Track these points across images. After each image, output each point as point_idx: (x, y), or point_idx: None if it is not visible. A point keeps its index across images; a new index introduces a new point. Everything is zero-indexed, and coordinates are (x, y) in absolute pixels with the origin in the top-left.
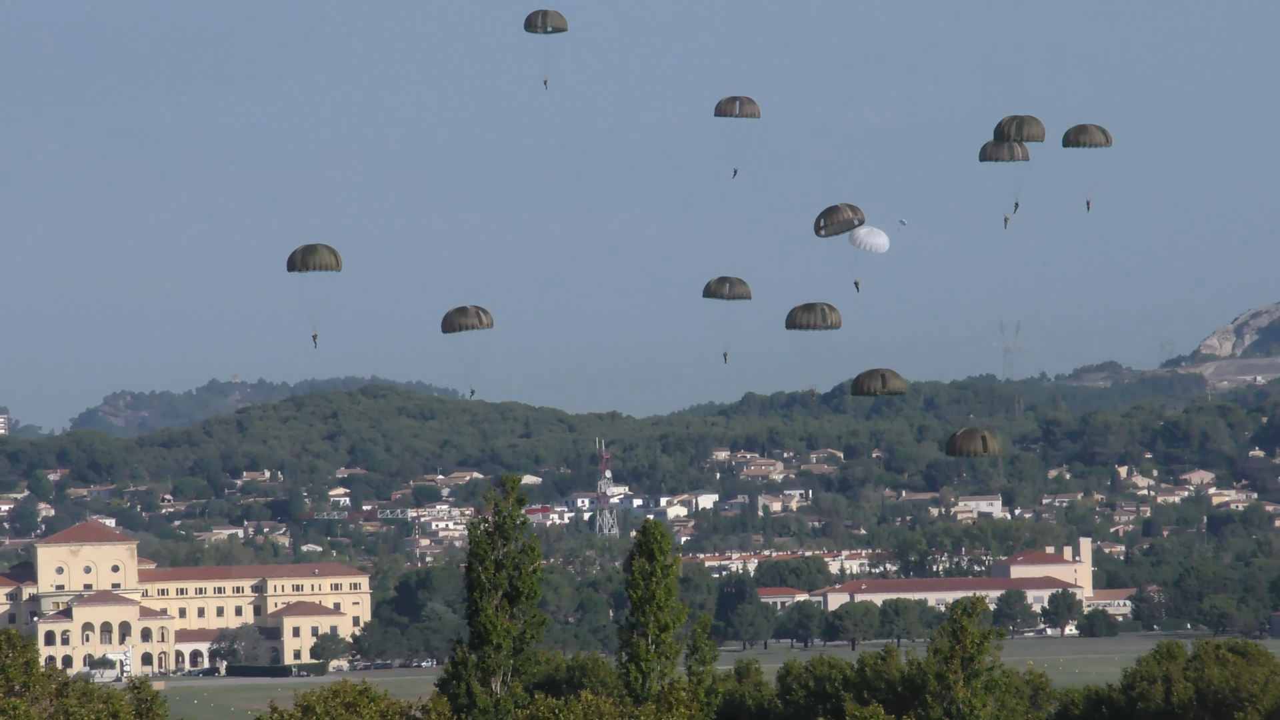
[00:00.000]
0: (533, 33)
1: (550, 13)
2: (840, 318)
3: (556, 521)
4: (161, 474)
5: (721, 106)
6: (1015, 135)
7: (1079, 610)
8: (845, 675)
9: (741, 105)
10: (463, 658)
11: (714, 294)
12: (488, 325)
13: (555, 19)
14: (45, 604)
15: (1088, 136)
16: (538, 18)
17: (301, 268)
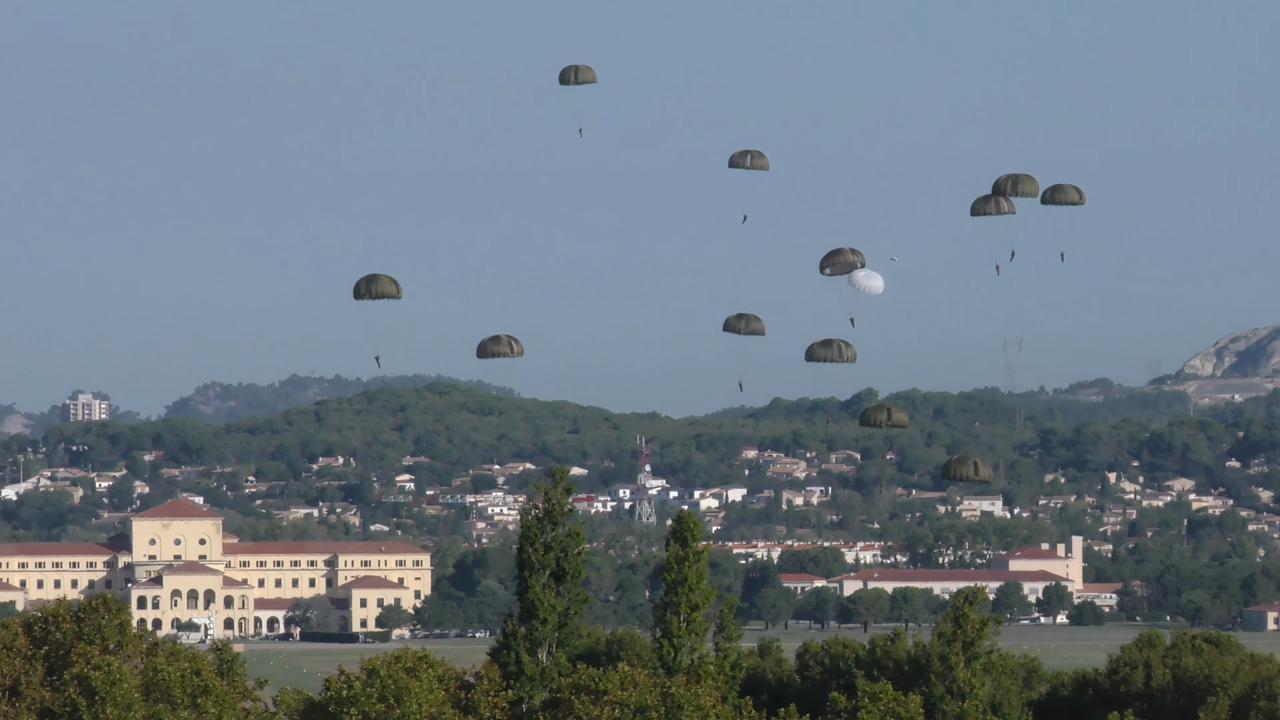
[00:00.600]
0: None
1: (581, 68)
2: (855, 353)
3: (600, 510)
4: (246, 458)
5: (734, 159)
6: (1010, 191)
7: (1069, 601)
8: (857, 655)
9: (752, 158)
10: (513, 630)
11: (732, 329)
12: (518, 354)
13: (585, 73)
14: (139, 572)
15: (1063, 195)
16: (570, 72)
17: (366, 295)
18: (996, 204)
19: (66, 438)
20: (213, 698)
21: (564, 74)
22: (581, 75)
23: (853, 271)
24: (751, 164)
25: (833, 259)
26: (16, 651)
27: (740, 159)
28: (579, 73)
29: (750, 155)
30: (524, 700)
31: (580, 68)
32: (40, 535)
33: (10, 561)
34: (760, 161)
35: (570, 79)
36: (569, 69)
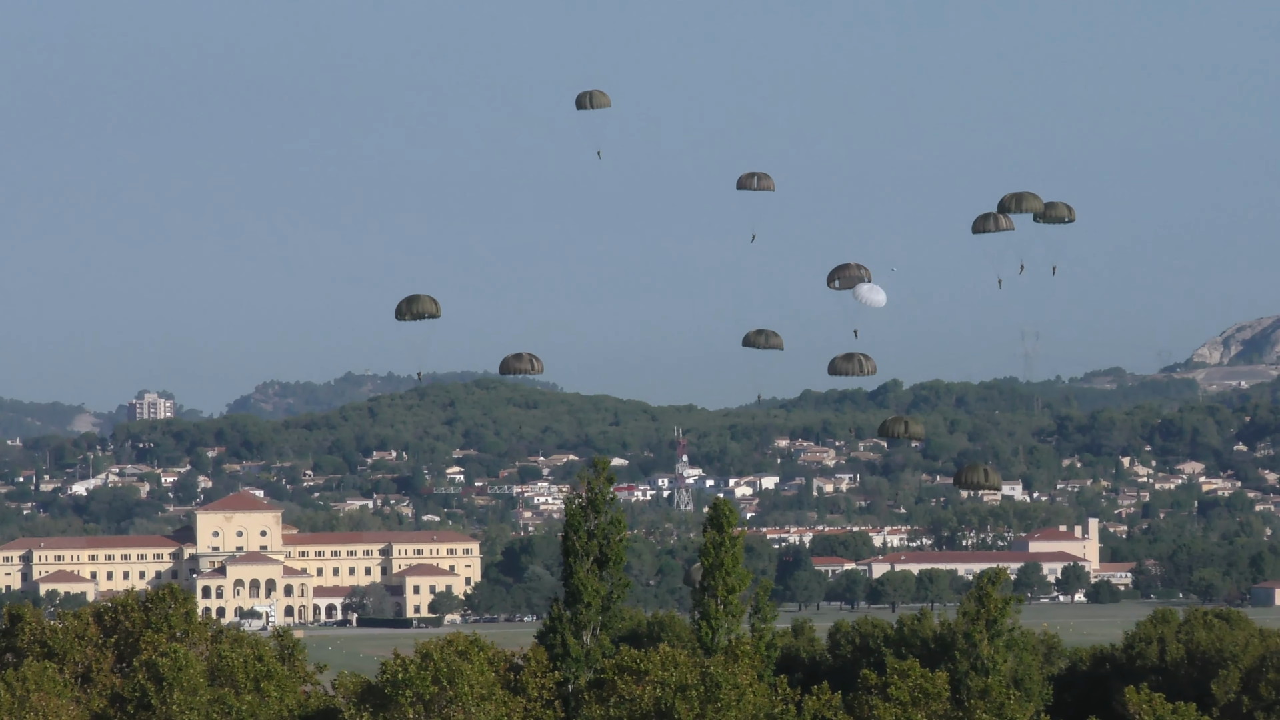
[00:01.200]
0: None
1: (595, 93)
2: (875, 365)
3: (640, 498)
4: (304, 453)
5: (742, 180)
6: (1015, 208)
7: (1087, 580)
8: (886, 634)
9: (759, 180)
10: (559, 613)
11: (751, 344)
12: (538, 371)
13: (600, 98)
14: (203, 563)
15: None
16: (585, 98)
17: (407, 315)
18: (995, 221)
19: (133, 435)
20: (274, 682)
21: (580, 99)
22: (596, 100)
23: (857, 286)
24: (758, 185)
25: (840, 273)
26: (88, 640)
27: (747, 180)
28: (594, 98)
29: (756, 177)
30: (570, 680)
31: (595, 93)
32: (109, 529)
33: (81, 554)
34: (766, 183)
35: (586, 104)
36: (584, 94)
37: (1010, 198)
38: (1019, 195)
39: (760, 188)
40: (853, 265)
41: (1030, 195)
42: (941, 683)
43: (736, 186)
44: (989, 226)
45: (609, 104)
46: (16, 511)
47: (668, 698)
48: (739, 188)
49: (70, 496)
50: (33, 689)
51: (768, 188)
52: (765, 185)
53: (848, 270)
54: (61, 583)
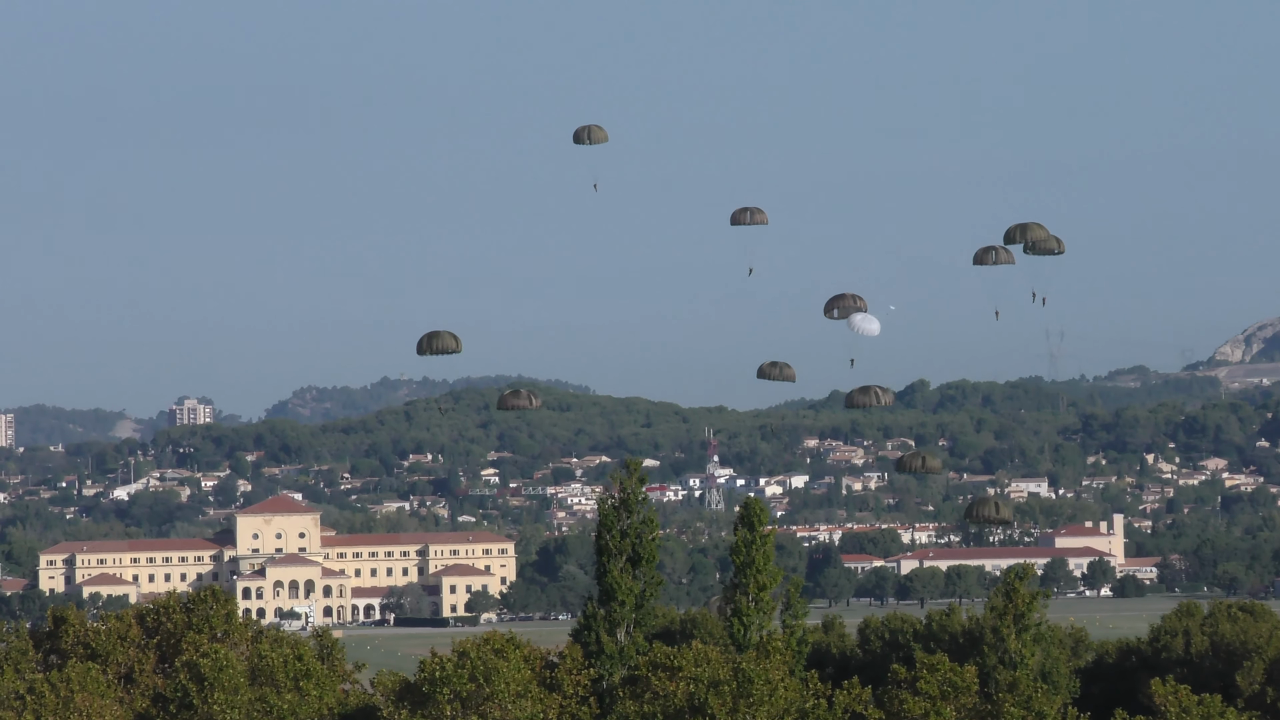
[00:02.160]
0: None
1: (593, 128)
2: (892, 397)
3: (672, 498)
4: (341, 456)
5: (735, 216)
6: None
7: (1112, 575)
8: (915, 629)
9: (751, 215)
10: (593, 611)
11: (766, 375)
12: (536, 406)
13: (598, 134)
14: (243, 565)
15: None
16: (584, 133)
17: (428, 351)
18: (995, 255)
19: (174, 440)
20: (314, 681)
21: (578, 134)
22: (594, 135)
23: (851, 316)
24: (751, 220)
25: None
26: (131, 641)
27: (740, 216)
28: (592, 133)
29: (749, 212)
30: (604, 677)
31: (593, 128)
32: (151, 532)
33: (123, 557)
34: (759, 217)
35: (584, 139)
36: (582, 129)
37: (1015, 229)
38: (1023, 226)
39: (754, 222)
40: (848, 295)
41: (1035, 226)
42: (970, 676)
43: (730, 223)
44: (988, 259)
45: (606, 139)
46: (60, 516)
47: (701, 693)
48: (733, 224)
49: (112, 501)
50: (76, 690)
51: (761, 222)
52: (758, 220)
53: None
54: (104, 585)
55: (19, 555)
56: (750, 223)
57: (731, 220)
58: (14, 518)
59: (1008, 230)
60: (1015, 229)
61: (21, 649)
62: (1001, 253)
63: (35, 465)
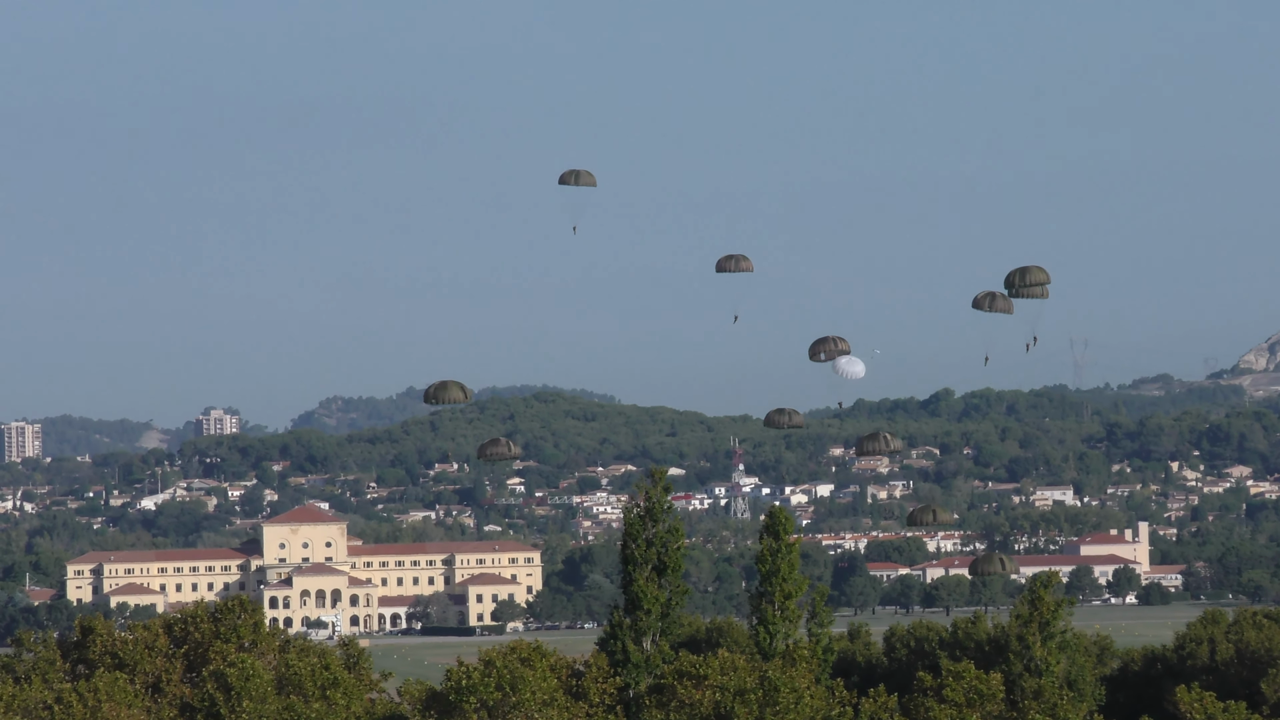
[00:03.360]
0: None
1: (581, 172)
2: (901, 443)
3: (697, 507)
4: (367, 466)
5: (720, 264)
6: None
7: (1137, 583)
8: (941, 637)
9: (736, 262)
10: (619, 620)
11: (774, 424)
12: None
13: (585, 178)
14: (270, 574)
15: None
16: (571, 175)
17: (434, 401)
18: (991, 302)
19: (200, 450)
20: (341, 690)
21: (564, 177)
22: (582, 179)
23: (836, 359)
24: (736, 268)
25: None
26: (158, 650)
27: (726, 264)
28: (579, 176)
29: (735, 260)
30: (631, 686)
31: (581, 172)
32: (178, 542)
33: (151, 567)
34: (745, 264)
35: (571, 182)
36: (569, 173)
37: (1015, 273)
38: (1024, 270)
39: (739, 269)
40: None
41: (1036, 269)
42: (996, 684)
43: (716, 270)
44: (984, 306)
45: (594, 184)
46: (87, 526)
47: (727, 701)
48: (718, 271)
49: (139, 511)
50: (104, 699)
51: (746, 269)
52: (744, 267)
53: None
54: (132, 595)
55: (46, 565)
56: (735, 270)
57: (717, 268)
58: (41, 528)
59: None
60: (1015, 273)
61: (49, 659)
62: (999, 300)
63: (62, 476)
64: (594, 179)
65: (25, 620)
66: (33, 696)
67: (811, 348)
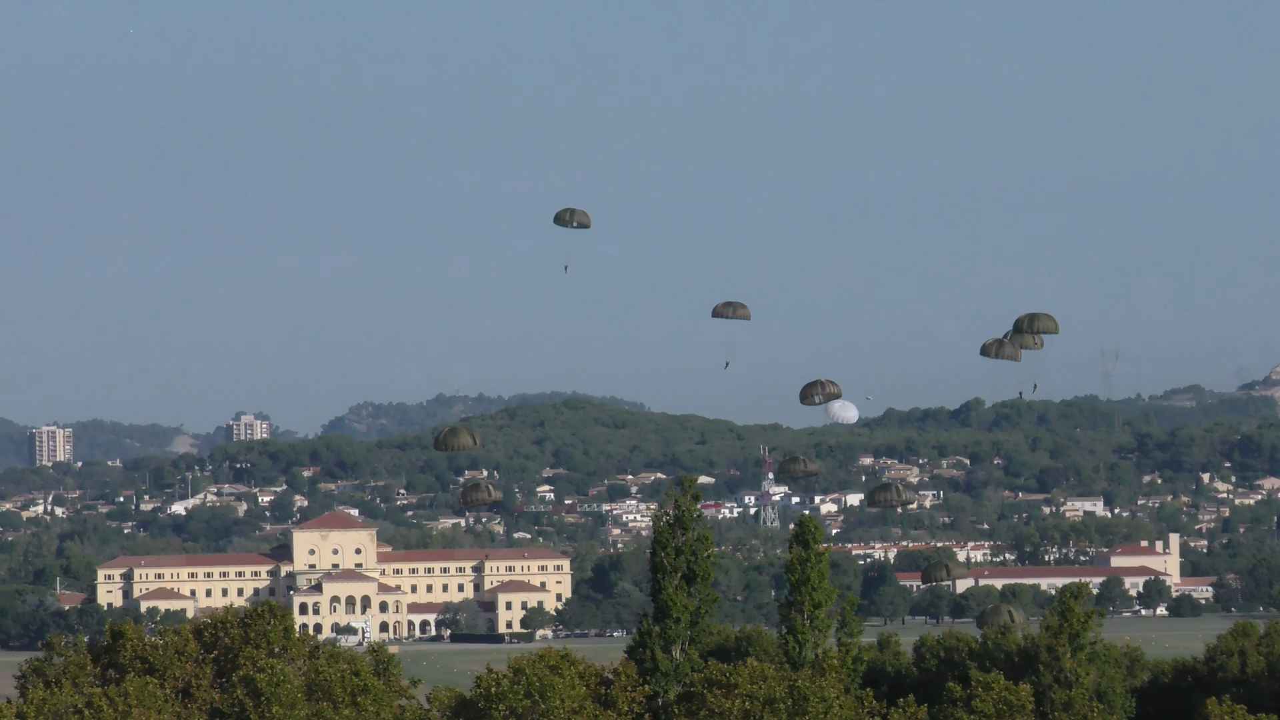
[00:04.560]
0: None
1: (578, 211)
2: (914, 496)
3: (727, 515)
4: (397, 472)
5: (718, 310)
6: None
7: (1168, 594)
8: (970, 647)
9: (734, 309)
10: (648, 628)
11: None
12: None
13: (581, 217)
14: (300, 580)
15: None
16: (567, 215)
17: (444, 448)
18: (999, 349)
19: (231, 456)
20: (371, 696)
21: (560, 216)
22: (578, 218)
23: (829, 403)
24: (734, 315)
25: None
26: (188, 656)
27: (724, 310)
28: (575, 215)
29: (733, 306)
30: (659, 694)
31: (577, 211)
32: (208, 547)
33: (181, 572)
34: (742, 312)
35: (567, 221)
36: (565, 211)
37: (1025, 318)
38: (1033, 316)
39: (736, 316)
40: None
41: (1045, 317)
42: (1025, 695)
43: (712, 315)
44: (990, 353)
45: (589, 224)
46: (117, 531)
47: (756, 710)
48: (714, 316)
49: (169, 516)
50: (134, 704)
51: (743, 317)
52: (741, 314)
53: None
54: (162, 600)
55: (77, 570)
56: (733, 317)
57: (714, 313)
58: (72, 532)
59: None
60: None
61: (79, 663)
62: (1006, 347)
63: (93, 480)
64: (589, 218)
65: (55, 624)
66: (63, 701)
67: (803, 391)
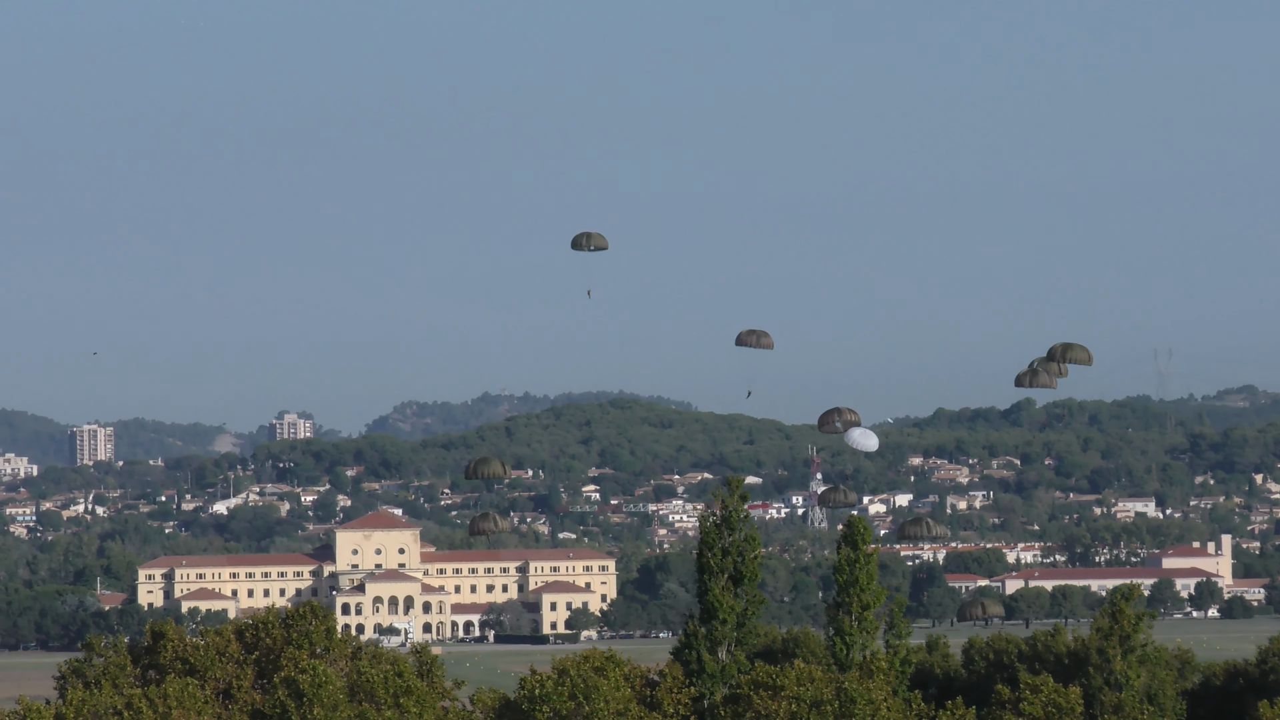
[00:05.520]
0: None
1: (594, 234)
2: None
3: (774, 515)
4: (441, 472)
5: (741, 337)
6: (1061, 359)
7: (1220, 596)
8: (1020, 649)
9: (759, 338)
10: (694, 630)
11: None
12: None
13: (598, 240)
14: (342, 580)
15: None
16: (583, 239)
17: (475, 476)
18: (1033, 378)
19: (274, 455)
20: (414, 698)
21: (577, 240)
22: (595, 241)
23: (849, 431)
24: (757, 343)
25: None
26: (229, 657)
27: (747, 338)
28: (592, 239)
29: (756, 335)
30: (705, 696)
31: (593, 234)
32: (250, 547)
33: (223, 572)
34: (765, 341)
35: (584, 245)
36: (582, 235)
37: (1059, 347)
38: (1067, 346)
39: (760, 345)
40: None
41: (1079, 347)
42: (1075, 698)
43: (735, 343)
44: (1024, 383)
45: (606, 246)
46: (159, 530)
47: (803, 713)
48: (738, 344)
49: (211, 515)
50: (174, 705)
51: (767, 346)
52: (765, 344)
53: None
54: (203, 600)
55: (118, 569)
56: (756, 345)
57: (737, 341)
58: (113, 532)
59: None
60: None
61: (120, 664)
62: (1042, 375)
63: (135, 479)
64: (605, 240)
65: (96, 625)
66: (103, 702)
67: (821, 419)
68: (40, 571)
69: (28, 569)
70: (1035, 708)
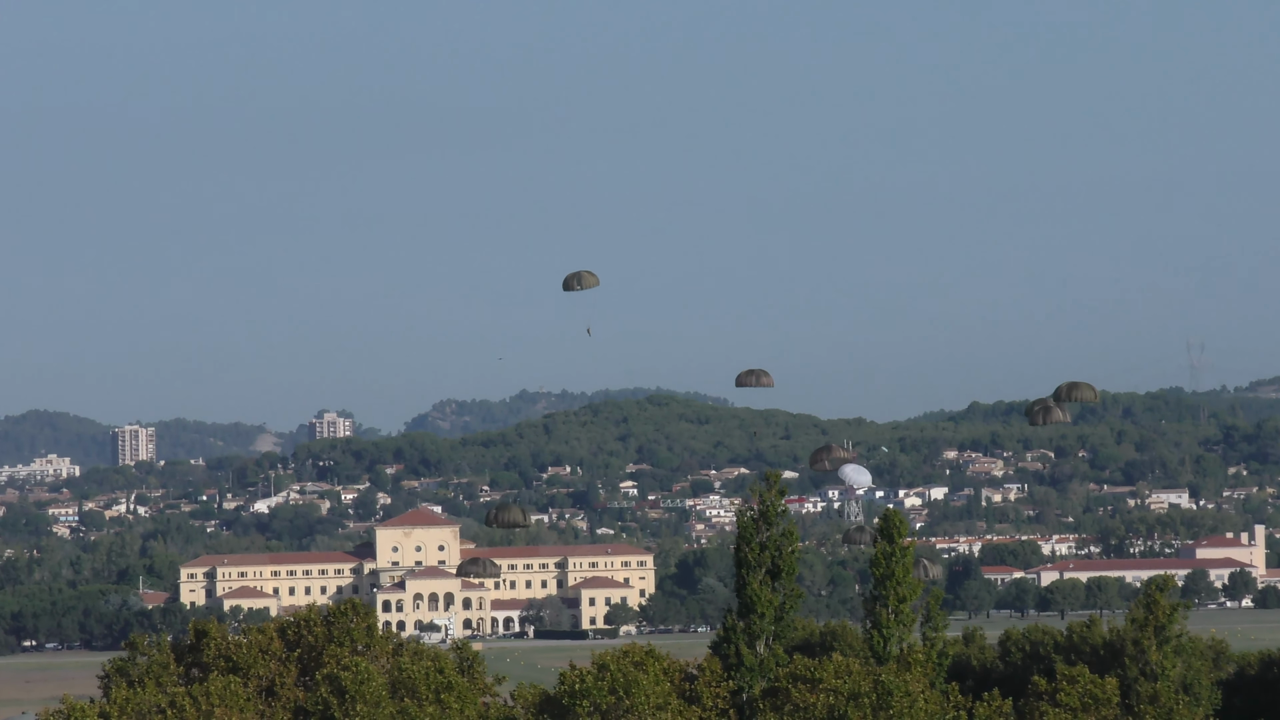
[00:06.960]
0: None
1: (583, 274)
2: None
3: (811, 510)
4: (480, 469)
5: (740, 379)
6: (1066, 398)
7: (1254, 586)
8: (1056, 641)
9: (758, 378)
10: (732, 624)
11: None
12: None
13: (587, 279)
14: (383, 577)
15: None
16: (574, 280)
17: (495, 524)
18: (1046, 415)
19: (314, 454)
20: (455, 694)
21: (568, 281)
22: (585, 281)
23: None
24: (757, 383)
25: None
26: (272, 654)
27: (746, 379)
28: (582, 279)
29: (755, 375)
30: (744, 690)
31: (583, 274)
32: (291, 545)
33: (264, 571)
34: (765, 380)
35: (575, 285)
36: (572, 276)
37: (1065, 387)
38: (1073, 384)
39: (759, 385)
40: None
41: (1085, 386)
42: (1111, 688)
43: (736, 384)
44: (1037, 420)
45: (597, 283)
46: (201, 530)
47: (840, 705)
48: (738, 385)
49: (253, 514)
50: (217, 703)
51: (766, 384)
52: (764, 383)
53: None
54: (245, 598)
55: (160, 569)
56: (756, 385)
57: (737, 382)
58: (155, 531)
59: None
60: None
61: (163, 662)
62: (1055, 412)
63: (176, 479)
64: (595, 278)
65: (139, 624)
66: (146, 700)
67: (813, 456)
68: (84, 571)
69: (71, 569)
70: (1072, 699)
